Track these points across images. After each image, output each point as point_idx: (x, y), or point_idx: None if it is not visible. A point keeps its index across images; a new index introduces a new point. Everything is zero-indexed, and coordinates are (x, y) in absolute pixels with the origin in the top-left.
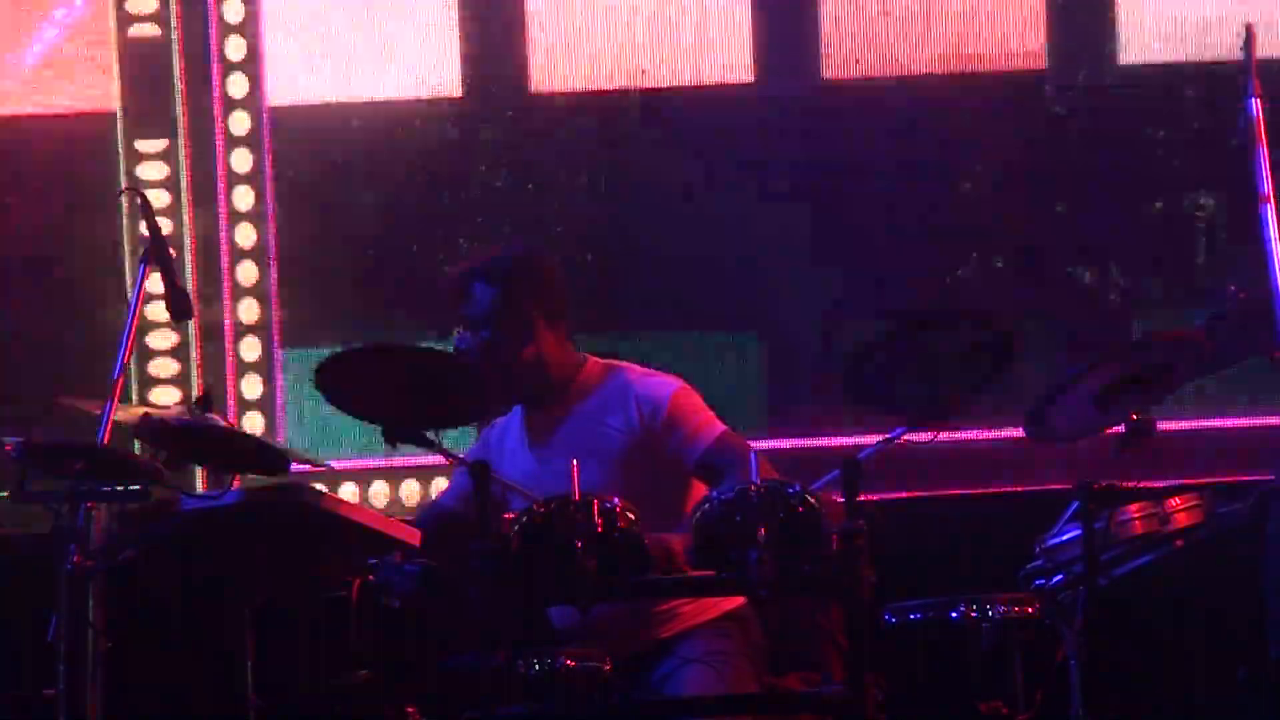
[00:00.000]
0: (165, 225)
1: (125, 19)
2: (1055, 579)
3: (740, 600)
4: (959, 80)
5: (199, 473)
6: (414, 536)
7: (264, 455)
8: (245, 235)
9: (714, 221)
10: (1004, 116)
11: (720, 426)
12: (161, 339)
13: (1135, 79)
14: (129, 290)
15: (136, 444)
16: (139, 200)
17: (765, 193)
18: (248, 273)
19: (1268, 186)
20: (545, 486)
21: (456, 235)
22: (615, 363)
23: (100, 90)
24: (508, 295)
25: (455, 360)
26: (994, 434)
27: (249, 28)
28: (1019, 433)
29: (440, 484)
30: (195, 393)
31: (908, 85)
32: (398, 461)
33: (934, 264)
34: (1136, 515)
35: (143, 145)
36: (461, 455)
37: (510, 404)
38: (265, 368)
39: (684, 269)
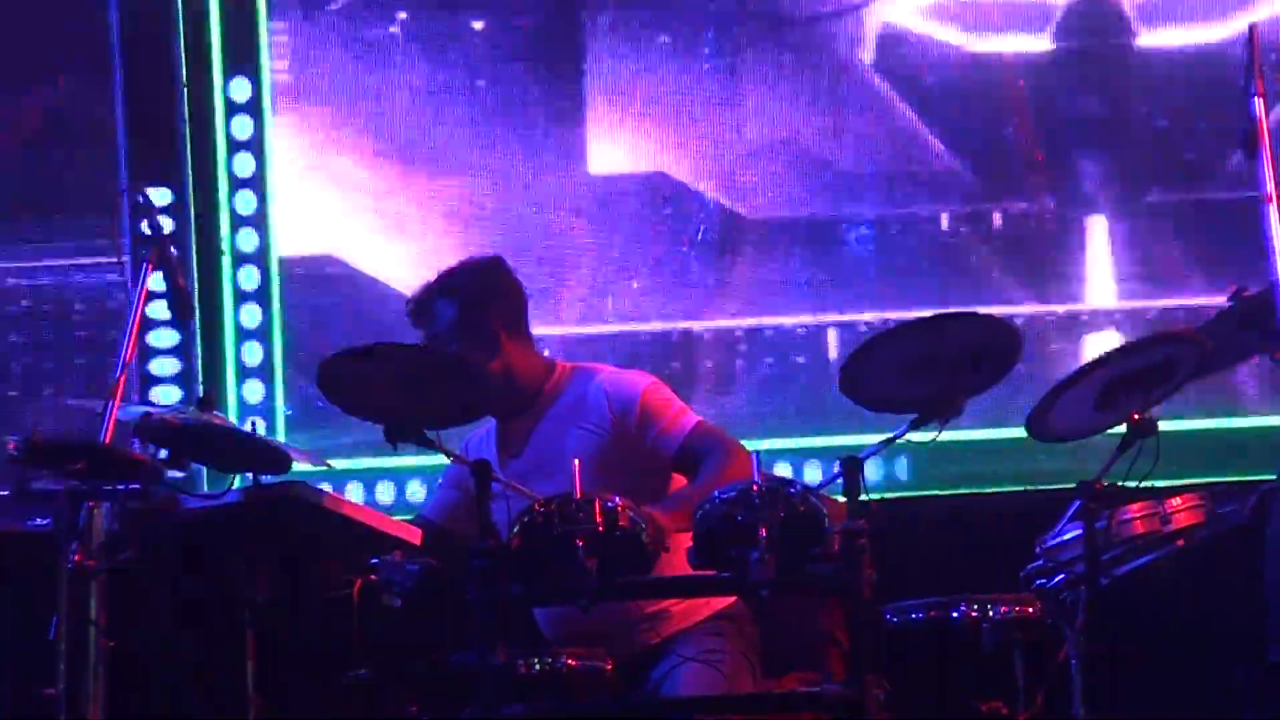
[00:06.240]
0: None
1: None
2: (1056, 579)
3: (731, 599)
4: None
5: (200, 473)
6: (414, 535)
7: (264, 455)
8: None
9: None
10: None
11: (694, 418)
12: (162, 339)
13: None
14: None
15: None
16: (139, 200)
17: None
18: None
19: (1270, 186)
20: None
21: None
22: (584, 365)
23: None
24: (467, 309)
25: (455, 360)
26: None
27: None
28: (1019, 433)
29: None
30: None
31: None
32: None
33: None
34: (1137, 515)
35: None
36: (460, 455)
37: (482, 416)
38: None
39: None
